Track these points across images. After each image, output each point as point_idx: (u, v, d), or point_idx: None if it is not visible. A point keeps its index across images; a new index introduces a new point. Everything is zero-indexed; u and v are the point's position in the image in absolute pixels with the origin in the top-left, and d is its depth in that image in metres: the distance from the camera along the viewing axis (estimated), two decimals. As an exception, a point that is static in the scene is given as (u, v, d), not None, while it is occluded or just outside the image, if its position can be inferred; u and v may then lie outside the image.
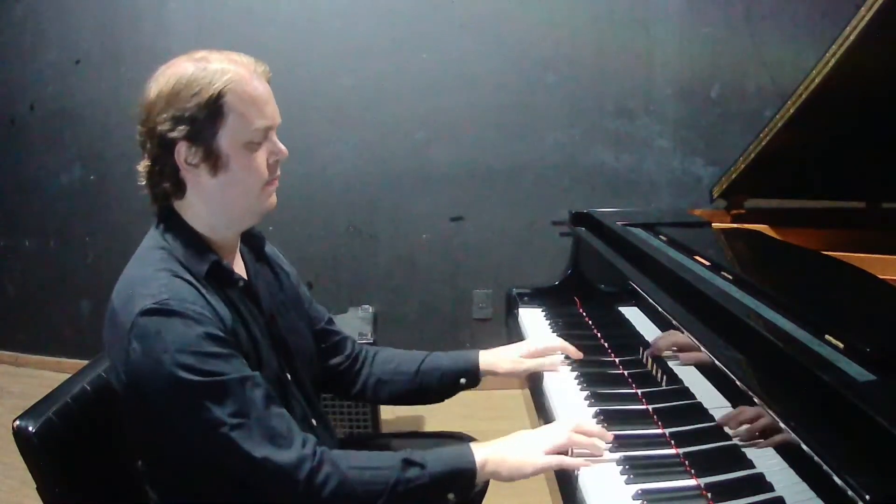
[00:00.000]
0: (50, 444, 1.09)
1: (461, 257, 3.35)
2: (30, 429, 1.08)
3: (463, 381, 1.45)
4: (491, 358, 1.47)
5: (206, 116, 1.09)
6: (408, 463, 1.10)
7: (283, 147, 1.18)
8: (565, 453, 1.15)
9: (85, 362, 1.31)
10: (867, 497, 0.71)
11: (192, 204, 1.16)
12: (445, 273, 3.37)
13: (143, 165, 1.15)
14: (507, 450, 1.15)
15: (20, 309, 3.65)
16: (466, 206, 3.32)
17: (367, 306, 3.11)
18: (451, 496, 1.12)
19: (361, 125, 3.24)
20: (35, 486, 1.11)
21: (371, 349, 1.50)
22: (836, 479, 0.75)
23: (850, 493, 0.73)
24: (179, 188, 1.14)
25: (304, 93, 3.16)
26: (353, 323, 2.84)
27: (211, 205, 1.15)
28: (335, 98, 3.19)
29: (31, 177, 3.49)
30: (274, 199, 1.20)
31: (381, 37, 3.19)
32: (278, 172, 1.19)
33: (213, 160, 1.11)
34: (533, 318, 1.88)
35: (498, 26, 3.18)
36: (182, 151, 1.11)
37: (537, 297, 2.00)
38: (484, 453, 1.14)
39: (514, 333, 1.89)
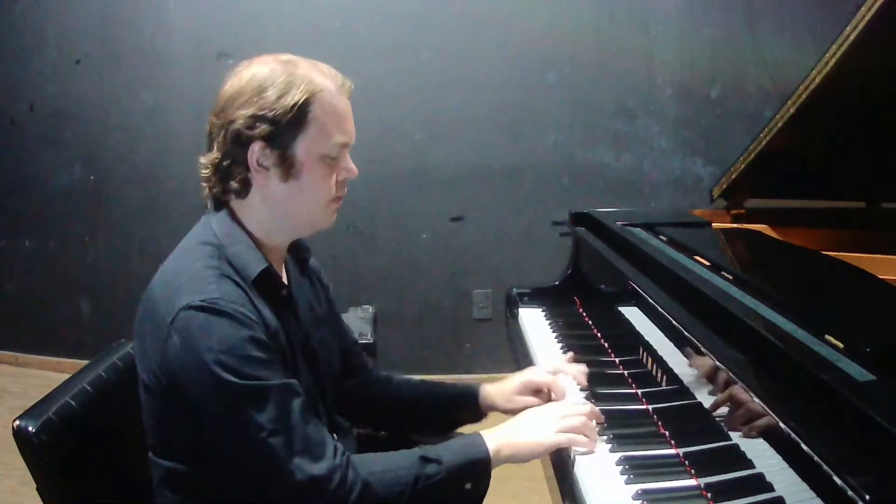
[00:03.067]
0: (50, 444, 1.08)
1: (461, 257, 3.35)
2: (30, 429, 1.07)
3: (464, 415, 1.41)
4: (491, 393, 1.39)
5: (289, 121, 1.07)
6: (425, 460, 1.09)
7: (354, 167, 1.17)
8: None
9: (85, 362, 1.30)
10: (867, 497, 0.71)
11: (253, 206, 1.13)
12: (445, 273, 3.36)
13: (209, 158, 1.12)
14: (519, 434, 1.15)
15: (20, 309, 3.64)
16: (466, 206, 3.31)
17: (367, 306, 3.12)
18: (468, 486, 1.11)
19: (361, 125, 3.21)
20: (35, 486, 1.10)
21: (382, 378, 1.46)
22: (836, 479, 0.75)
23: (850, 493, 0.73)
24: (244, 188, 1.11)
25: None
26: (353, 323, 2.84)
27: (274, 210, 1.13)
28: (335, 98, 3.17)
29: (31, 177, 3.49)
30: (335, 216, 1.18)
31: (381, 37, 3.19)
32: (345, 190, 1.18)
33: (287, 166, 1.09)
34: (533, 318, 1.88)
35: (498, 26, 3.18)
36: (256, 151, 1.08)
37: (537, 297, 1.99)
38: (496, 441, 1.13)
39: (514, 333, 1.88)
